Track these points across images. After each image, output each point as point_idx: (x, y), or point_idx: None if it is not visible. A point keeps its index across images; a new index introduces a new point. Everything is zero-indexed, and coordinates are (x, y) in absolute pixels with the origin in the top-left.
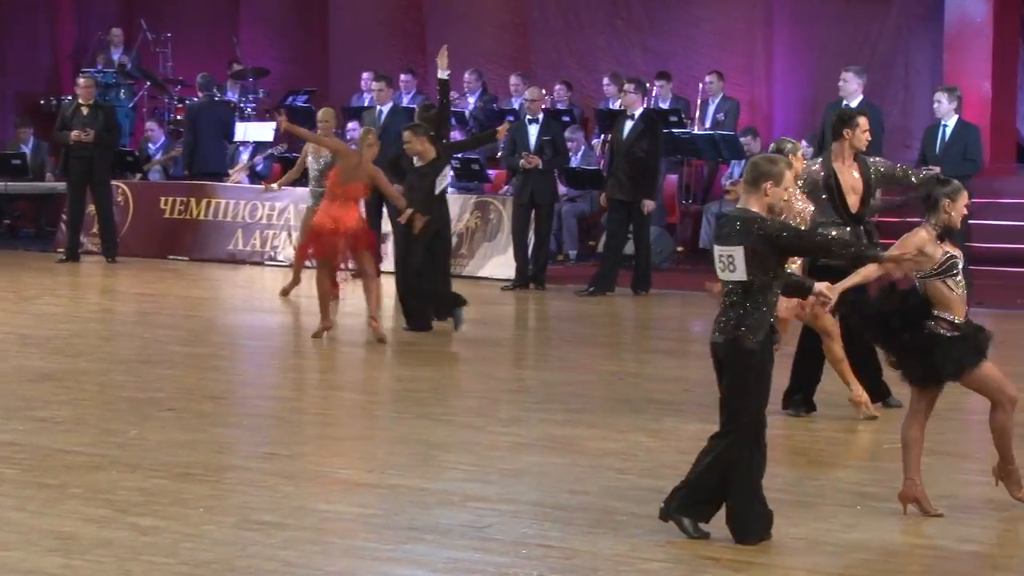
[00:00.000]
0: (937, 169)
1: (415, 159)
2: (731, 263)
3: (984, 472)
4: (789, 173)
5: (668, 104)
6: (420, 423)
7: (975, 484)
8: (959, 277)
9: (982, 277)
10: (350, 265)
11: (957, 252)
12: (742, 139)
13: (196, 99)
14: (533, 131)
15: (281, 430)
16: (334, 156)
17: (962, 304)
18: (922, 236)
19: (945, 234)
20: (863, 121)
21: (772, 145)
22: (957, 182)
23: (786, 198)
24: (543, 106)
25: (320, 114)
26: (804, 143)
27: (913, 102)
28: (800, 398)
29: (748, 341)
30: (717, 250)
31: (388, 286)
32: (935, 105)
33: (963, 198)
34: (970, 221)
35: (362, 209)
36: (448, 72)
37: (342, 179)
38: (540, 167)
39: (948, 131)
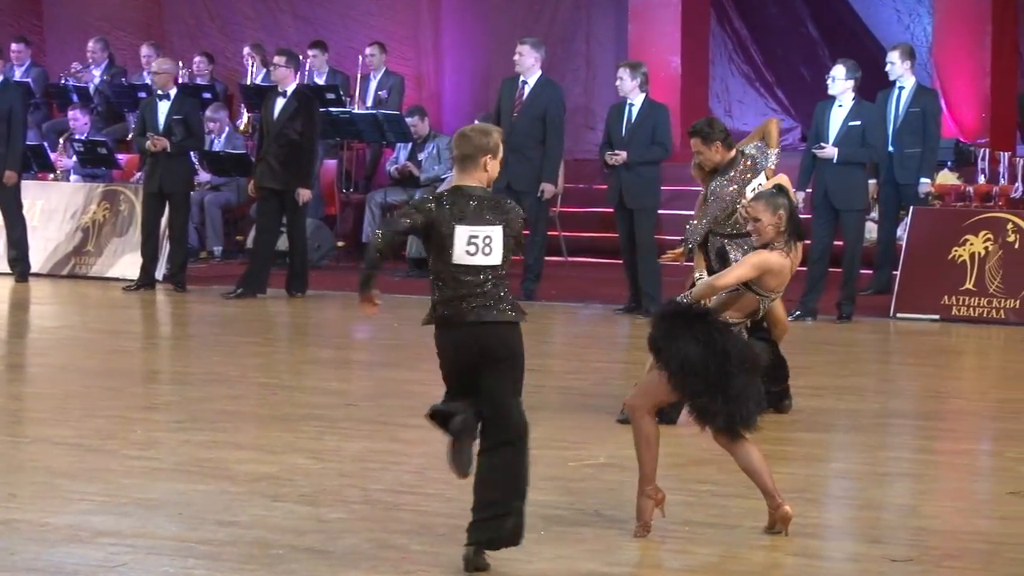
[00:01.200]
0: (623, 155)
1: None
2: (488, 245)
3: (683, 491)
4: (502, 143)
5: (324, 79)
6: (40, 447)
7: (673, 504)
8: None
9: (677, 274)
10: None
11: None
12: (408, 120)
13: None
14: (163, 108)
15: None
16: None
17: None
18: (781, 259)
19: None
20: None
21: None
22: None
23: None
24: (178, 80)
25: None
26: (476, 123)
27: (596, 79)
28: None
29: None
30: (468, 231)
31: None
32: (617, 82)
33: None
34: (659, 212)
35: None
36: None
37: None
38: (168, 150)
39: (634, 111)
